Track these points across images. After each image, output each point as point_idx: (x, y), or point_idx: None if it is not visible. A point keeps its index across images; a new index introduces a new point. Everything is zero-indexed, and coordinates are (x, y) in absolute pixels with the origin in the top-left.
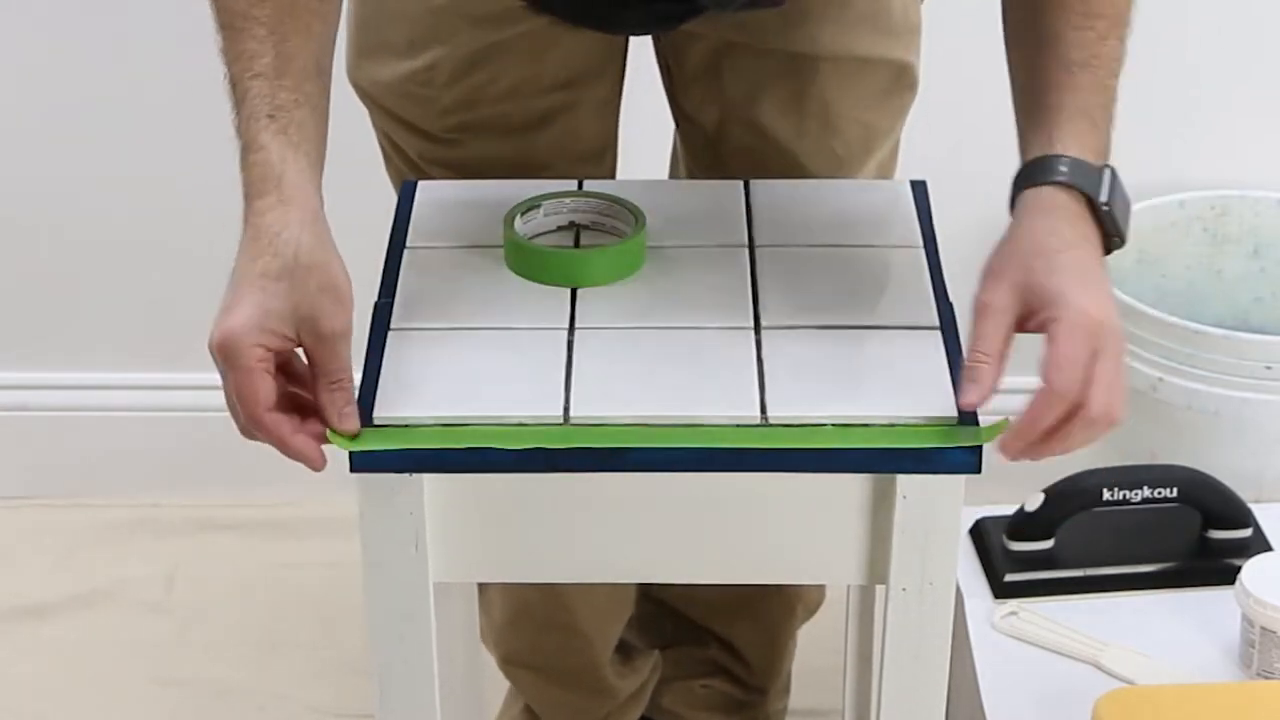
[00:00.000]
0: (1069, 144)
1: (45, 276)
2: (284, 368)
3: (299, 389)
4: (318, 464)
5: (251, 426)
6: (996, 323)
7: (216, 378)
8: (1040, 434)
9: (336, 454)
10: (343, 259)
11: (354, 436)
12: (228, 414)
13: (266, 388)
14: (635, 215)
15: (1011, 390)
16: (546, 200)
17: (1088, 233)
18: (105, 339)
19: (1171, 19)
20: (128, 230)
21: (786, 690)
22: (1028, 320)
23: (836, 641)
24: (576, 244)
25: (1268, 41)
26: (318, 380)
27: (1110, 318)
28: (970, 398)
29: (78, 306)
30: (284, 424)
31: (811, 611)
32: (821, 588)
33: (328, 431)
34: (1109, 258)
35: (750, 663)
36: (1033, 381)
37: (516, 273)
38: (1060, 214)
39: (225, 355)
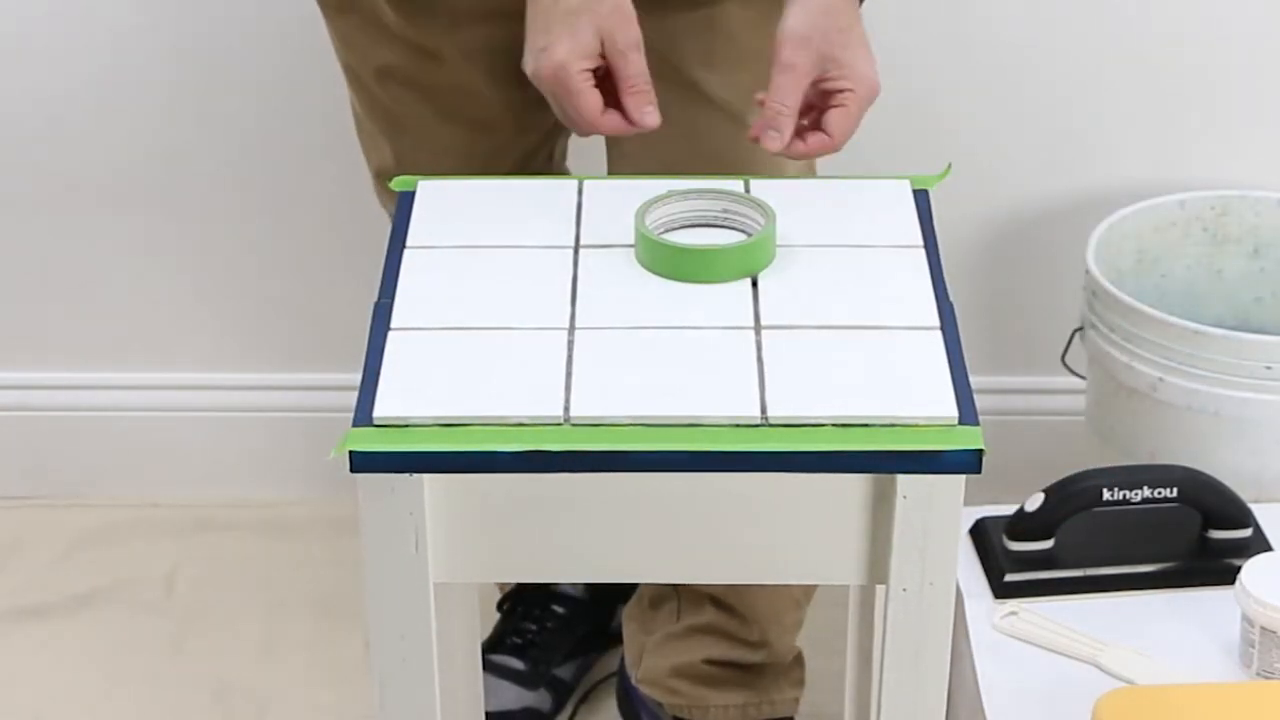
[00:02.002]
0: None
1: (46, 276)
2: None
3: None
4: (650, 123)
5: (589, 130)
6: (798, 82)
7: (216, 378)
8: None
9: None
10: None
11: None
12: (228, 414)
13: (596, 100)
14: (765, 211)
15: (1010, 390)
16: (674, 197)
17: (855, 6)
18: (105, 339)
19: (1172, 19)
20: (128, 230)
21: (800, 682)
22: (819, 82)
23: (837, 641)
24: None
25: (1268, 42)
26: (621, 86)
27: (878, 80)
28: (774, 144)
29: (79, 306)
30: (616, 119)
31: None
32: None
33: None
34: None
35: (746, 617)
36: (1028, 381)
37: (649, 269)
38: None
39: (557, 85)
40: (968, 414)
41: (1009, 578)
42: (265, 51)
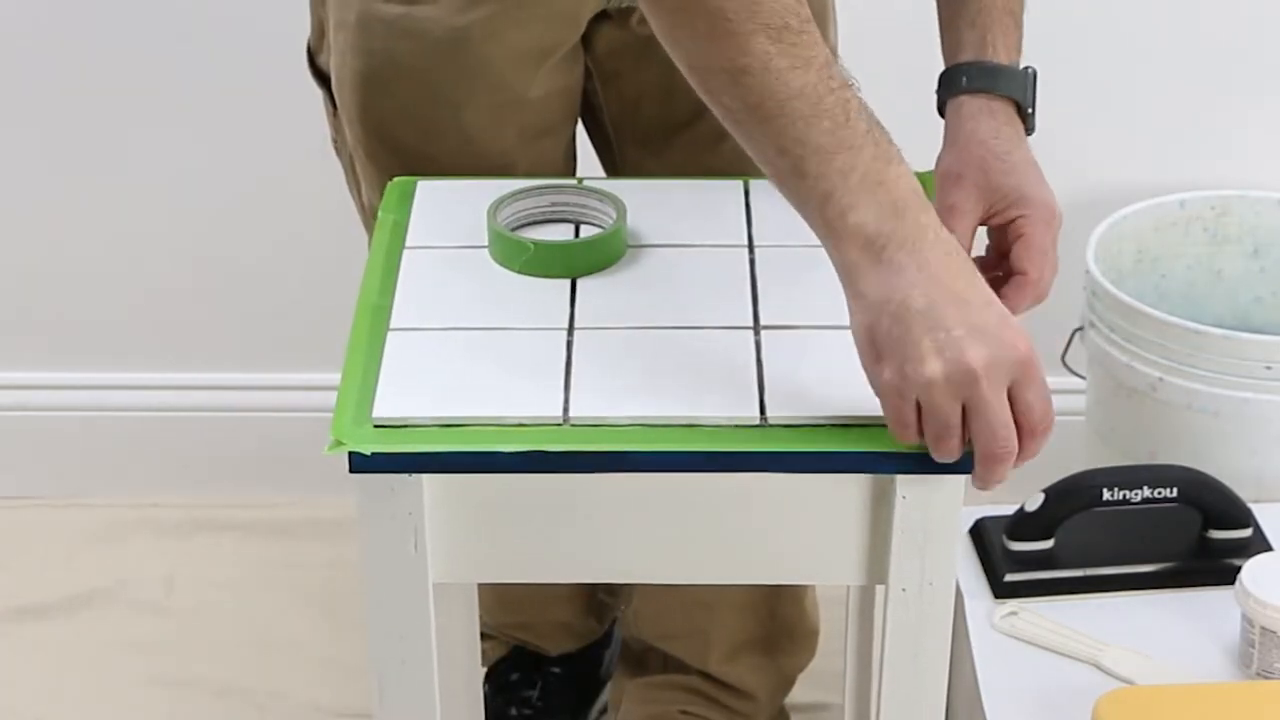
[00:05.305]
0: (999, 48)
1: (45, 276)
2: None
3: None
4: None
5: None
6: (966, 222)
7: (216, 378)
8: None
9: (337, 454)
10: None
11: None
12: (228, 414)
13: None
14: (616, 206)
15: None
16: (530, 193)
17: (1020, 131)
18: (106, 339)
19: (1171, 20)
20: (128, 230)
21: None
22: (990, 218)
23: (837, 642)
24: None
25: (1268, 42)
26: None
27: (1057, 203)
28: None
29: (78, 306)
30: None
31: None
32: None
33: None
34: None
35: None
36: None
37: (500, 263)
38: (1000, 117)
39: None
40: None
41: (1009, 578)
42: (265, 51)
